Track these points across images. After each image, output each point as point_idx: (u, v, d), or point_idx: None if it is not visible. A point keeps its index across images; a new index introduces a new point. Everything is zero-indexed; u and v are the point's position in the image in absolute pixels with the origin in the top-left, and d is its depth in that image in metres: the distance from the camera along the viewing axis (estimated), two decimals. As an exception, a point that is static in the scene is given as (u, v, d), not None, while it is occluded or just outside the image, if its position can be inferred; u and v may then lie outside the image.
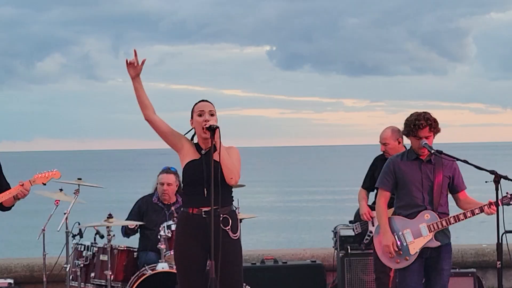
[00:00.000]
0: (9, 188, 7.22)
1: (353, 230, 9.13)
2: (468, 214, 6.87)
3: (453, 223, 6.88)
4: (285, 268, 10.26)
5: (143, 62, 6.30)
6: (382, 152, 8.82)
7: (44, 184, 7.42)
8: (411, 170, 6.94)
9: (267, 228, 30.33)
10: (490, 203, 6.81)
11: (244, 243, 8.81)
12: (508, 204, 6.80)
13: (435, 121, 6.91)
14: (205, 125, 6.17)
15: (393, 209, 7.25)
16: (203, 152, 6.27)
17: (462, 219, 6.88)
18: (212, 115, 6.29)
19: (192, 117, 6.41)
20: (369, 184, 8.91)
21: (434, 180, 6.90)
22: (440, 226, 6.84)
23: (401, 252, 6.90)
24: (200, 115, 6.28)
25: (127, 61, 6.27)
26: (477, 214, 6.89)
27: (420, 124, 6.85)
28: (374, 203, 8.51)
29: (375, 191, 8.47)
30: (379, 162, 8.66)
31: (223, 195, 6.11)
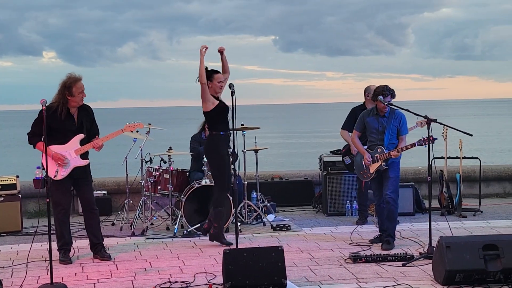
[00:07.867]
0: (98, 132, 6.93)
1: (345, 161, 8.83)
2: (394, 152, 7.04)
3: (390, 156, 7.08)
4: (287, 183, 10.33)
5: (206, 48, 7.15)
6: (360, 104, 8.50)
7: (132, 132, 7.30)
8: (372, 121, 7.25)
9: (276, 156, 30.35)
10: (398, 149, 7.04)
11: (259, 166, 8.89)
12: (426, 144, 6.74)
13: (384, 89, 7.04)
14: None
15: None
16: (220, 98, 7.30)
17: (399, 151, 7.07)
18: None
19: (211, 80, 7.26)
20: (351, 126, 8.04)
21: (386, 127, 7.15)
22: (386, 156, 7.10)
23: (366, 171, 7.31)
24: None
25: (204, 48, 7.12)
26: (402, 151, 7.08)
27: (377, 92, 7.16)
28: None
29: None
30: (358, 110, 8.24)
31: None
